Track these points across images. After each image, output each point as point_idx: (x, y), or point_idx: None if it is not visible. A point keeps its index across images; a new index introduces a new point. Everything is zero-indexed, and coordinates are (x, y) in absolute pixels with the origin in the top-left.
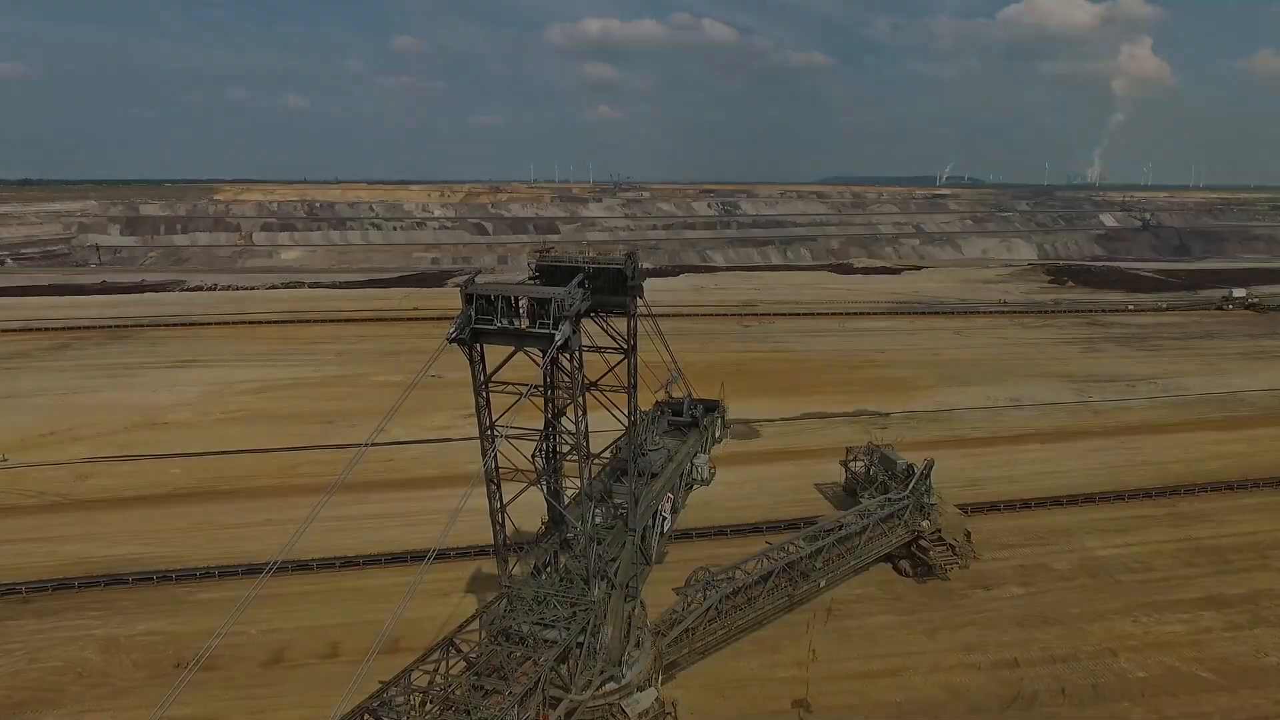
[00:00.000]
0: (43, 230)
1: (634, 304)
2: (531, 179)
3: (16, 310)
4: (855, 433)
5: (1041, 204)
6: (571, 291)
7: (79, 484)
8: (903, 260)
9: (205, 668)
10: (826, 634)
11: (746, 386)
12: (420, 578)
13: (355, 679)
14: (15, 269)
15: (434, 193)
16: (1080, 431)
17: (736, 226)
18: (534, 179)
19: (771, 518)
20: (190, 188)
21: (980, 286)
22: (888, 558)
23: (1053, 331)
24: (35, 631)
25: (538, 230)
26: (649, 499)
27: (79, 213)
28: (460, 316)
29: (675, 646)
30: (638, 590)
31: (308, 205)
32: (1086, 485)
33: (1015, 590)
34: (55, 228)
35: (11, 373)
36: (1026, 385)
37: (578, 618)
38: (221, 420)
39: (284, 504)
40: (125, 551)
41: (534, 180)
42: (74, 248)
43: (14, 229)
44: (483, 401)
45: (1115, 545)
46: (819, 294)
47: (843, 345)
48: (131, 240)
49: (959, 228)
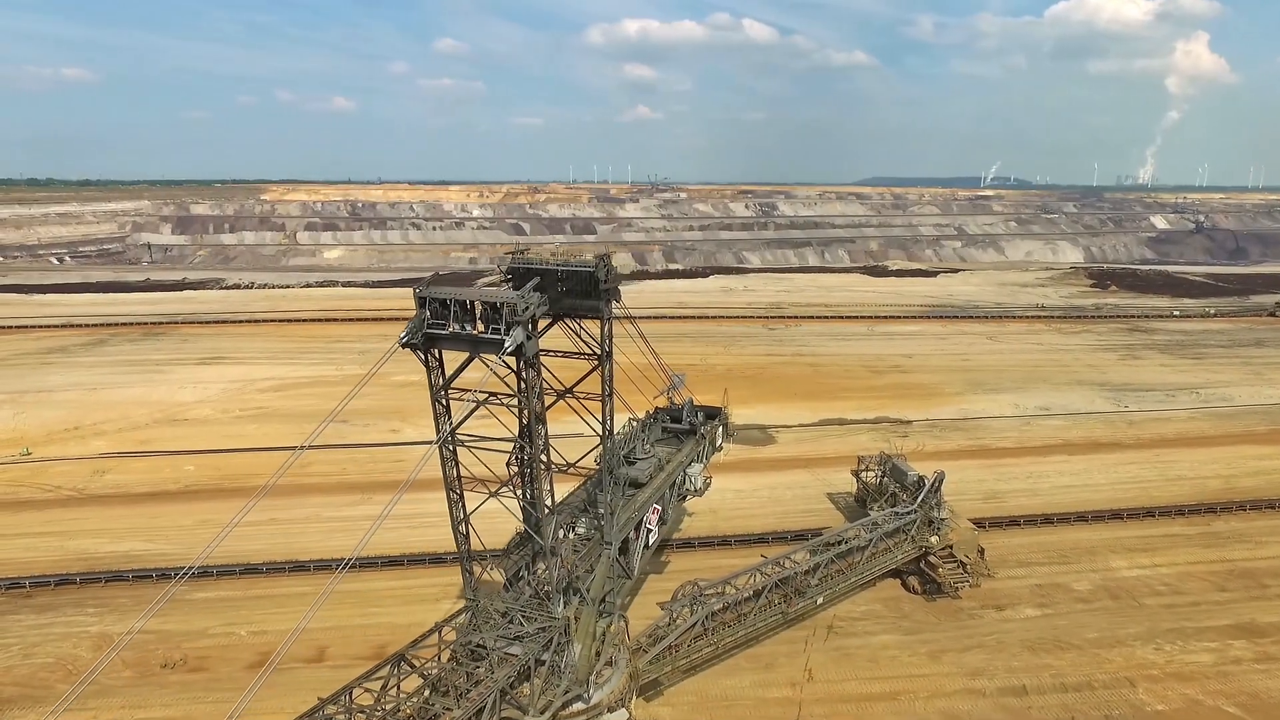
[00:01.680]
0: (99, 229)
1: (608, 308)
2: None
3: (62, 307)
4: (874, 441)
5: (1089, 206)
6: (525, 295)
7: (95, 479)
8: (943, 263)
9: (192, 668)
10: (825, 652)
11: (765, 391)
12: (332, 585)
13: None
14: (72, 266)
15: (473, 193)
16: (1112, 443)
17: (774, 228)
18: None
19: (778, 528)
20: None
21: (1017, 290)
22: (895, 573)
23: (1091, 337)
24: (33, 626)
25: (574, 231)
26: (631, 510)
27: (133, 212)
28: (414, 320)
29: (656, 664)
30: (615, 605)
31: (350, 205)
32: (1114, 501)
33: (1029, 611)
34: (111, 227)
35: (47, 368)
36: (1058, 393)
37: (541, 634)
38: (240, 418)
39: (290, 503)
40: (130, 548)
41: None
42: (128, 246)
43: (73, 228)
44: (441, 408)
45: (1142, 566)
46: (849, 297)
47: (869, 350)
48: (182, 239)
49: (1002, 230)
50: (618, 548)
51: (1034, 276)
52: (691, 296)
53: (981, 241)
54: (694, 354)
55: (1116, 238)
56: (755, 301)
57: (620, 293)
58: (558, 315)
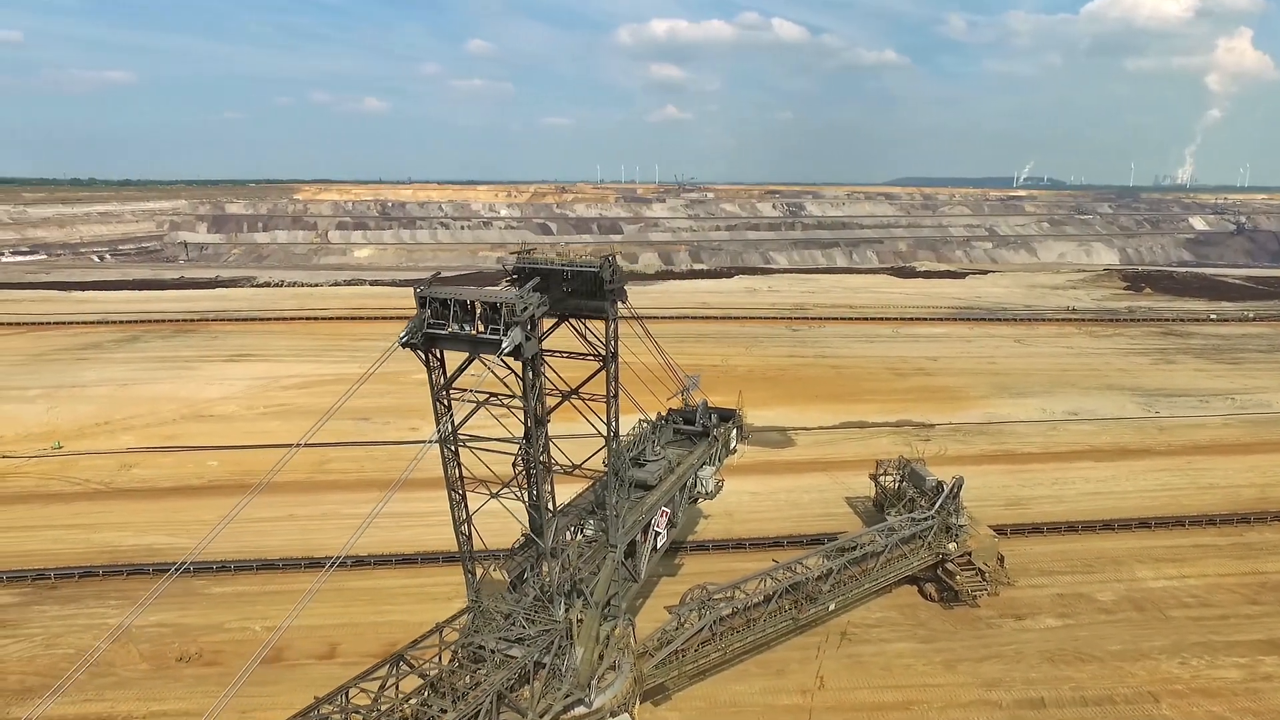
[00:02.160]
0: (138, 228)
1: (613, 309)
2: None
3: (98, 304)
4: (895, 444)
5: (1125, 206)
6: (525, 295)
7: (122, 473)
8: (973, 264)
9: (207, 662)
10: (838, 659)
11: (785, 393)
12: (317, 586)
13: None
14: (112, 264)
15: (501, 193)
16: (1142, 450)
17: (801, 228)
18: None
19: (794, 532)
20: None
21: (1048, 292)
22: (912, 580)
23: (1123, 341)
24: (56, 617)
25: (601, 230)
26: (639, 513)
27: (170, 211)
28: (414, 319)
29: (662, 669)
30: (620, 608)
31: (380, 205)
32: (1143, 509)
33: (1050, 622)
34: (149, 225)
35: (82, 363)
36: (1087, 398)
37: (543, 637)
38: (263, 414)
39: (309, 500)
40: (152, 541)
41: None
42: (165, 244)
43: (113, 226)
44: (443, 408)
45: (1169, 577)
46: (875, 298)
47: (893, 352)
48: (217, 238)
49: (1035, 231)
50: (623, 551)
51: (1065, 278)
52: (715, 297)
53: (1013, 243)
54: (715, 354)
55: (1153, 239)
56: (779, 302)
57: (626, 293)
58: (563, 315)
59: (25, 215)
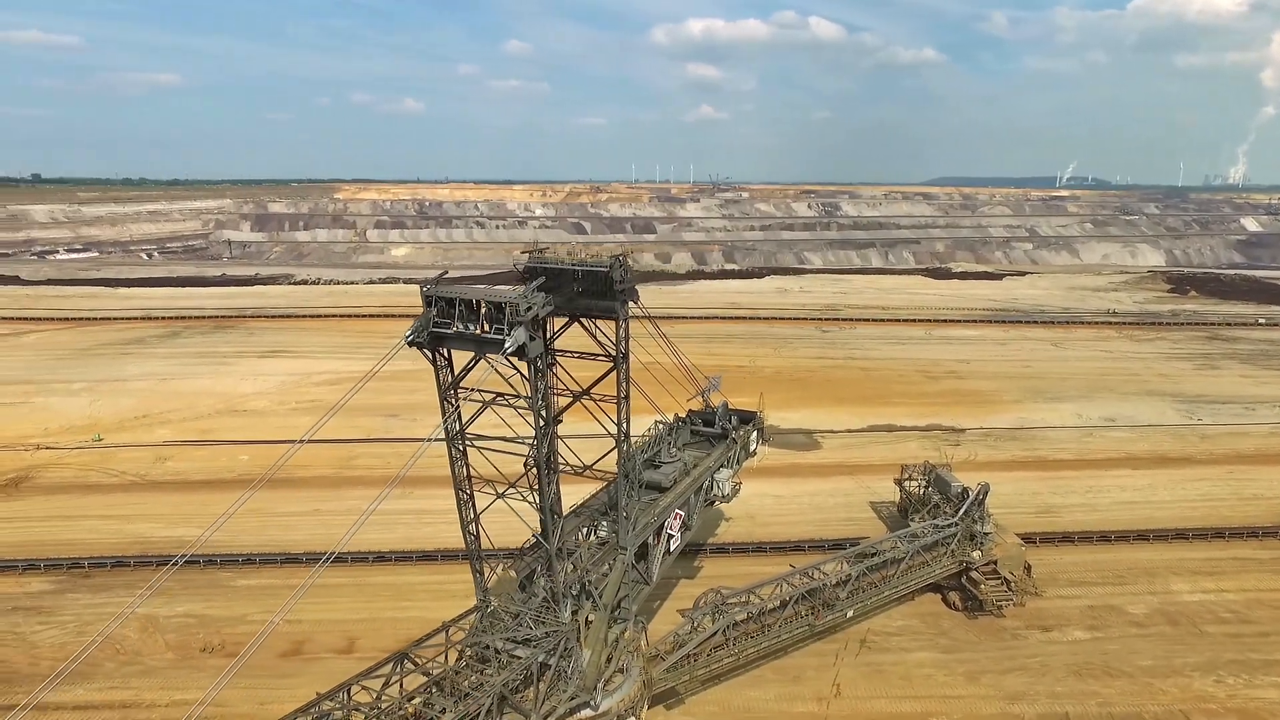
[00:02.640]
0: (185, 226)
1: (623, 309)
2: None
3: (143, 300)
4: (924, 449)
5: (1173, 207)
6: (528, 295)
7: (157, 465)
8: (1013, 265)
9: (229, 654)
10: (856, 667)
11: (813, 395)
12: (310, 581)
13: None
14: (160, 261)
15: (536, 192)
16: (1182, 458)
17: (836, 228)
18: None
19: (816, 536)
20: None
21: (1088, 294)
22: (936, 588)
23: (1165, 345)
24: (88, 605)
25: (635, 230)
26: (651, 515)
27: (216, 210)
28: (420, 318)
29: (674, 673)
30: (631, 611)
31: (418, 204)
32: (1181, 519)
33: (1078, 634)
34: (196, 224)
35: (125, 358)
36: (1125, 404)
37: (549, 639)
38: (295, 410)
39: (334, 495)
40: (182, 534)
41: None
42: (210, 243)
43: (161, 225)
44: (450, 407)
45: (1206, 590)
46: (908, 299)
47: (925, 354)
48: (260, 236)
49: (1077, 231)
50: (634, 553)
51: (1106, 280)
52: (746, 297)
53: (1054, 244)
54: (743, 355)
55: (1202, 240)
56: (810, 303)
57: (637, 293)
58: (574, 316)
59: (79, 214)
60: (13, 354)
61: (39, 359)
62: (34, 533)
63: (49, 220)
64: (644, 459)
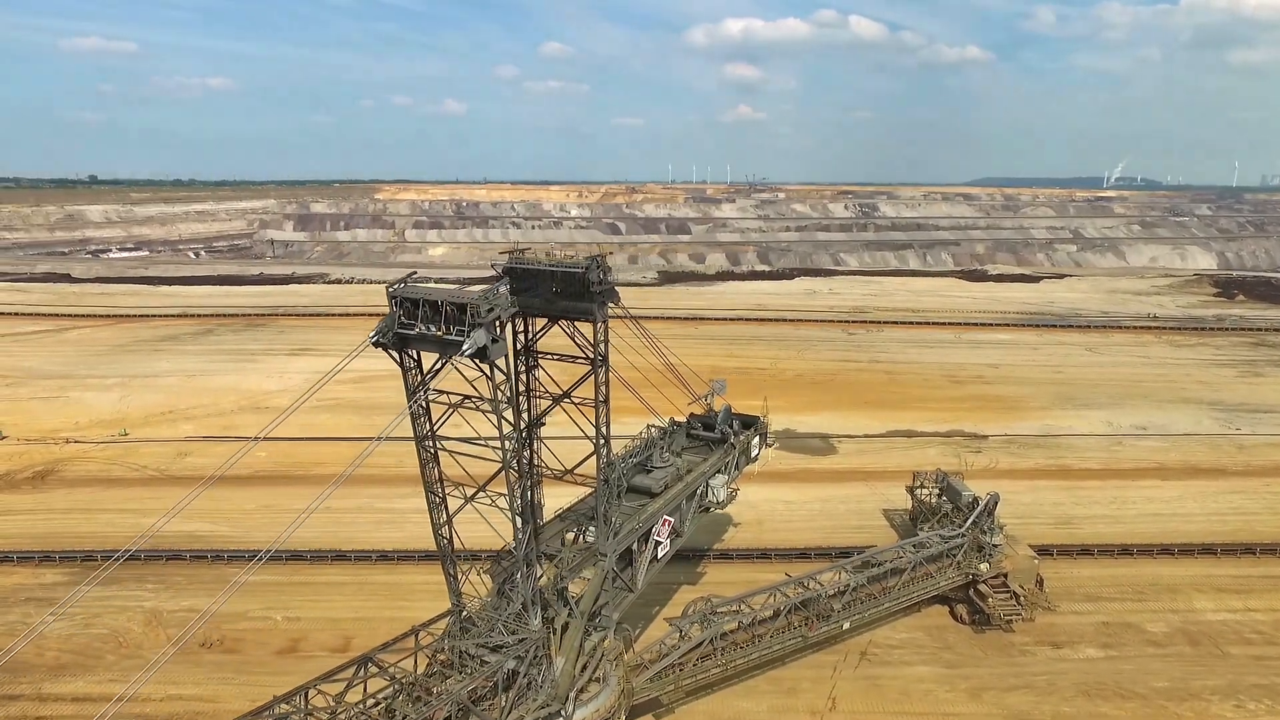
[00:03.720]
0: (231, 226)
1: (602, 311)
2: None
3: (181, 298)
4: (943, 455)
5: (1226, 207)
6: (489, 296)
7: (177, 461)
8: (1055, 267)
9: (227, 650)
10: (854, 680)
11: (833, 398)
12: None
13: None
14: (206, 260)
15: (572, 193)
16: (1215, 469)
17: (874, 229)
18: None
19: (824, 543)
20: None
21: (1129, 298)
22: (943, 600)
23: (1207, 351)
24: (97, 598)
25: (669, 231)
26: (636, 521)
27: (260, 210)
28: (386, 318)
29: (657, 683)
30: (611, 619)
31: (455, 205)
32: (1209, 534)
33: (1091, 652)
34: (241, 224)
35: (158, 354)
36: (1159, 411)
37: (518, 646)
38: (316, 408)
39: (346, 492)
40: (195, 528)
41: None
42: (254, 242)
43: (208, 224)
44: (419, 409)
45: (1232, 609)
46: (940, 302)
47: (952, 358)
48: (302, 235)
49: (1124, 233)
50: (614, 560)
51: (1150, 284)
52: (774, 298)
53: (1099, 245)
54: (765, 357)
55: (1257, 243)
56: (838, 305)
57: (617, 294)
58: (553, 317)
59: (131, 214)
60: (55, 349)
61: (78, 355)
62: (54, 525)
63: (103, 220)
64: (634, 463)
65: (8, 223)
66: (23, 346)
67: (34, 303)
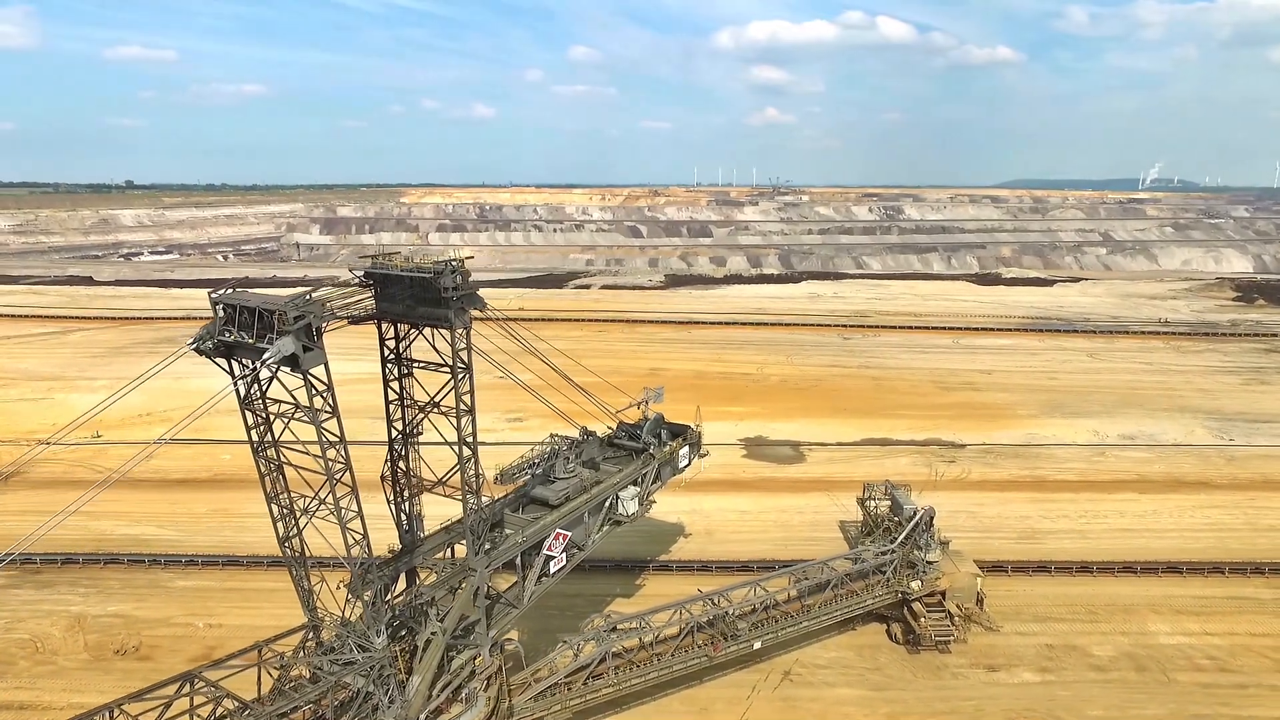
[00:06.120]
0: (259, 229)
1: (460, 318)
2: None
3: (188, 300)
4: (915, 465)
5: (1265, 209)
6: (299, 302)
7: (143, 463)
8: (1084, 270)
9: (141, 657)
10: (771, 701)
11: (813, 405)
12: None
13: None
14: (235, 263)
15: (595, 196)
16: (1199, 482)
17: (898, 232)
18: (697, 182)
19: (770, 556)
20: (381, 191)
21: (1142, 302)
22: (880, 617)
23: (1215, 358)
24: (26, 602)
25: (691, 234)
26: (521, 535)
27: (288, 214)
28: (208, 325)
29: (541, 702)
30: (485, 636)
31: (479, 208)
32: (1178, 550)
33: (1027, 676)
34: (269, 227)
35: (152, 356)
36: (1151, 420)
37: (363, 664)
38: None
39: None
40: (140, 532)
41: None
42: (281, 245)
43: (238, 228)
44: (256, 419)
45: (1188, 633)
46: (945, 306)
47: (945, 364)
48: (327, 239)
49: (1155, 236)
50: (486, 575)
51: (1167, 288)
52: (775, 302)
53: (1130, 248)
54: (752, 363)
55: None
56: (840, 309)
57: (481, 300)
58: (414, 323)
59: (163, 218)
60: (54, 351)
61: (75, 356)
62: (6, 526)
63: (135, 224)
64: (537, 474)
65: (45, 227)
66: (24, 348)
67: (46, 305)
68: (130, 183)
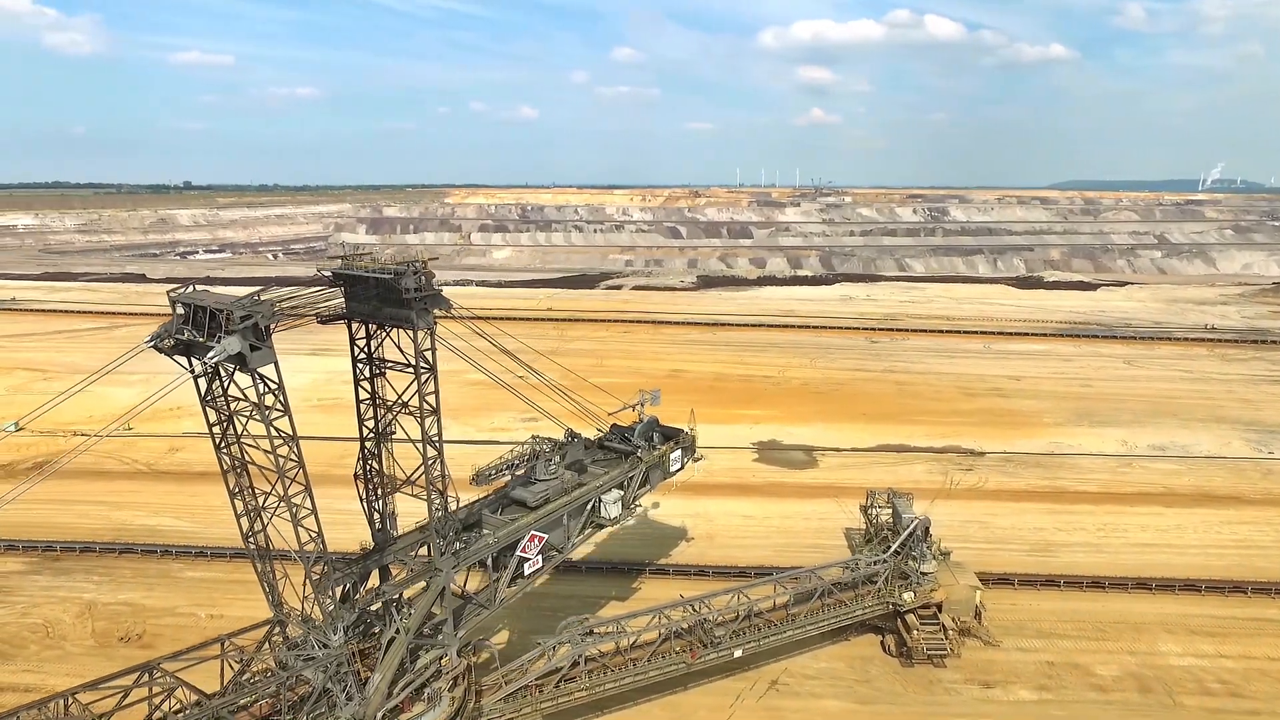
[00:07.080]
0: (308, 229)
1: (423, 319)
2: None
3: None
4: (929, 473)
5: None
6: (247, 302)
7: (167, 456)
8: (1137, 274)
9: (144, 645)
10: (755, 711)
11: (831, 409)
12: None
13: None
14: (285, 261)
15: (636, 197)
16: (1230, 496)
17: (942, 234)
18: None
19: (770, 563)
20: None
21: (1189, 308)
22: (875, 628)
23: (1261, 366)
24: (43, 588)
25: (730, 235)
26: (493, 536)
27: (336, 214)
28: (167, 323)
29: (510, 704)
30: (453, 636)
31: (521, 209)
32: (1198, 568)
33: (1024, 694)
34: (317, 227)
35: None
36: (1184, 431)
37: (322, 661)
38: (315, 406)
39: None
40: (158, 523)
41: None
42: (329, 244)
43: (288, 227)
44: (219, 416)
45: (1200, 654)
46: (980, 310)
47: (973, 369)
48: (373, 238)
49: (1214, 238)
50: (451, 575)
51: (1217, 293)
52: (804, 305)
53: (1186, 252)
54: (774, 365)
55: None
56: (870, 312)
57: (446, 301)
58: (381, 324)
59: (217, 218)
60: (100, 345)
61: (118, 350)
62: (32, 514)
63: (191, 223)
64: (518, 475)
65: (108, 226)
66: (74, 343)
67: (99, 301)
68: (188, 183)
